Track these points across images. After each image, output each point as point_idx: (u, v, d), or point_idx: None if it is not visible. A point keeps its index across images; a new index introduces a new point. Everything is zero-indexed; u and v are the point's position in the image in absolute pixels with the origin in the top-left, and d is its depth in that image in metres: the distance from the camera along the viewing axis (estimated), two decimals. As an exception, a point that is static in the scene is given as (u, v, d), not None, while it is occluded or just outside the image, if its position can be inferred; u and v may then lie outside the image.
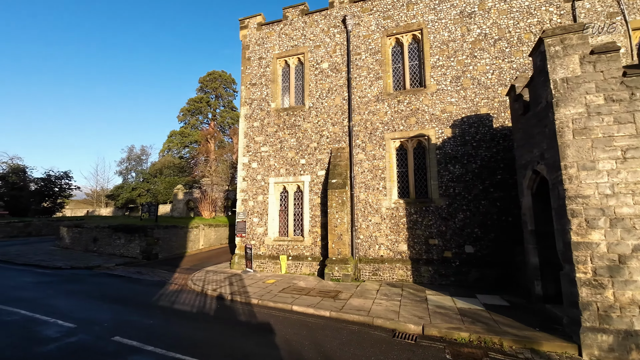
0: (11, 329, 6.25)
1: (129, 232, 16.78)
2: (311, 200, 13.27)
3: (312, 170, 13.46)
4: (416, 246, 11.62)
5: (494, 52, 11.60)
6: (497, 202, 10.92)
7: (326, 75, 13.85)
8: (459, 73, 11.94)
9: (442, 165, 11.69)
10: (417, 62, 12.92)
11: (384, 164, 12.45)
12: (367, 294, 9.80)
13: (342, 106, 13.40)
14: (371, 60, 13.21)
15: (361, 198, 12.55)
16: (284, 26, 14.93)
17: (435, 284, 11.04)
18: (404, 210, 11.93)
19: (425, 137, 12.06)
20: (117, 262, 15.05)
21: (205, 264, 15.41)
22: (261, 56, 15.19)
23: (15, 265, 14.20)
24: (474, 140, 11.45)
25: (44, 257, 16.24)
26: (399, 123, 12.47)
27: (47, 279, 11.45)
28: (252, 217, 14.14)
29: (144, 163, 59.88)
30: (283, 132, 14.21)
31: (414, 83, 12.84)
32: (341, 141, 13.20)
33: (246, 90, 15.21)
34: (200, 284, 11.05)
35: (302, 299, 9.13)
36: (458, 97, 11.83)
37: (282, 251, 13.43)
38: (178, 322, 7.09)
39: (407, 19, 12.91)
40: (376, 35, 13.28)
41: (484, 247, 10.87)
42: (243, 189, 14.50)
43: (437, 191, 11.62)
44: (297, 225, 13.71)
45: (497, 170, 11.07)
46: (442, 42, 12.29)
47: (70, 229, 19.19)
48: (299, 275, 12.52)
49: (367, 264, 11.99)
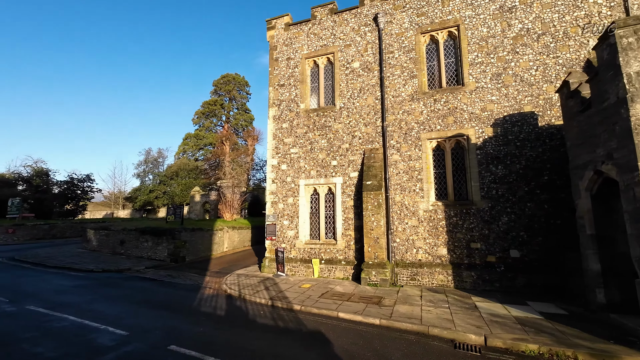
0: (65, 336, 6.13)
1: (157, 235, 16.77)
2: (344, 202, 12.97)
3: (344, 172, 13.16)
4: (457, 250, 11.18)
5: (538, 48, 11.11)
6: (544, 205, 10.41)
7: (357, 75, 13.55)
8: (499, 70, 11.48)
9: (483, 166, 11.24)
10: (453, 59, 12.50)
11: (421, 165, 12.06)
12: (410, 300, 9.44)
13: (374, 106, 13.08)
14: (405, 59, 12.86)
15: (397, 200, 12.18)
16: (313, 26, 14.70)
17: (478, 289, 10.59)
18: (442, 213, 11.51)
19: (465, 137, 11.63)
20: (146, 265, 15.02)
21: (233, 267, 15.25)
22: (289, 57, 14.99)
23: (48, 268, 14.29)
24: (517, 139, 10.97)
25: (74, 259, 16.35)
26: (436, 122, 12.07)
27: (83, 282, 11.43)
28: (282, 219, 13.92)
29: (160, 166, 60.63)
30: (313, 133, 13.96)
31: (451, 81, 12.42)
32: (374, 142, 12.87)
33: (274, 91, 15.03)
34: (236, 288, 10.86)
35: (345, 306, 8.82)
36: (499, 94, 11.36)
37: (314, 255, 13.15)
38: (229, 330, 6.87)
39: (442, 16, 12.51)
40: (409, 32, 12.92)
41: (530, 252, 10.37)
42: (272, 191, 14.30)
43: (478, 193, 11.17)
44: (329, 228, 13.42)
45: (544, 171, 10.56)
46: (481, 38, 11.85)
47: (97, 232, 19.33)
48: (333, 280, 12.22)
49: (405, 268, 11.60)
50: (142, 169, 59.16)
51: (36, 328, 6.50)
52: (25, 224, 26.40)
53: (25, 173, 33.56)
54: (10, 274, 12.82)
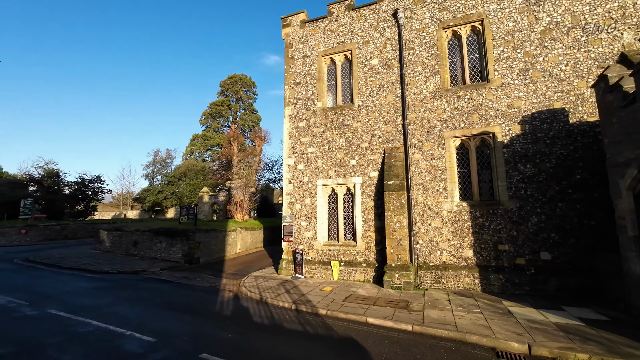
0: (92, 343, 5.89)
1: (170, 236, 16.59)
2: (363, 203, 12.64)
3: (363, 172, 12.84)
4: (483, 252, 10.79)
5: (568, 42, 10.69)
6: (576, 205, 9.98)
7: (376, 72, 13.22)
8: (527, 65, 11.07)
9: (510, 165, 10.84)
10: (476, 55, 12.12)
11: (444, 164, 11.69)
12: (439, 304, 9.08)
13: (394, 104, 12.74)
14: (426, 55, 12.50)
15: (419, 200, 11.83)
16: (329, 23, 14.40)
17: (507, 293, 10.19)
18: (468, 214, 11.13)
19: (490, 135, 11.23)
20: (161, 267, 14.83)
21: (248, 269, 15.00)
22: (305, 54, 14.71)
23: (63, 270, 14.17)
24: (547, 137, 10.55)
25: (88, 260, 16.24)
26: (460, 120, 11.69)
27: (100, 284, 11.25)
28: (300, 220, 13.63)
29: (168, 166, 60.80)
30: (331, 132, 13.66)
31: (474, 77, 12.04)
32: (395, 140, 12.53)
33: (290, 89, 14.76)
34: (256, 291, 10.59)
35: (372, 310, 8.49)
36: (527, 91, 10.96)
37: (333, 256, 12.84)
38: (257, 336, 6.59)
39: (465, 10, 12.13)
40: (431, 28, 12.56)
41: (562, 254, 9.94)
42: (289, 191, 14.02)
43: (505, 193, 10.77)
44: (348, 230, 13.10)
45: (576, 170, 10.13)
46: (507, 32, 11.45)
47: (110, 233, 19.23)
48: (354, 282, 11.89)
49: (428, 270, 11.24)
50: (151, 169, 59.36)
51: (61, 333, 6.28)
52: (38, 225, 26.47)
53: (36, 174, 33.76)
54: (27, 275, 12.71)
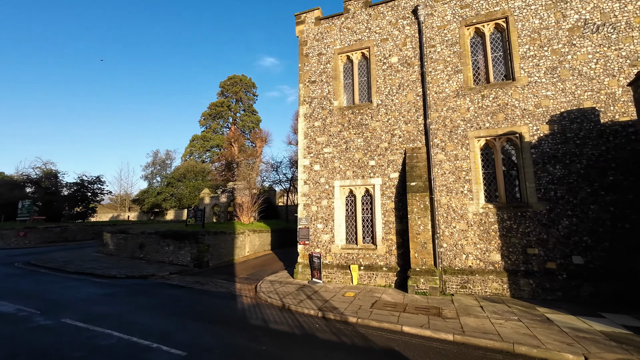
0: (117, 357, 5.40)
1: (179, 238, 16.06)
2: (383, 205, 12.23)
3: (383, 172, 12.44)
4: (511, 256, 10.42)
5: (598, 39, 10.39)
6: (609, 207, 9.65)
7: (396, 70, 12.86)
8: (554, 63, 10.76)
9: (539, 166, 10.50)
10: (500, 53, 11.80)
11: (468, 164, 11.33)
12: (472, 311, 8.68)
13: (415, 103, 12.37)
14: (448, 53, 12.16)
15: (443, 202, 11.45)
16: (345, 20, 14.03)
17: (538, 299, 9.82)
18: (494, 216, 10.77)
19: (517, 135, 10.89)
20: (170, 271, 14.31)
21: (261, 273, 14.52)
22: (320, 52, 14.32)
23: (69, 274, 13.59)
24: (576, 137, 10.22)
25: (93, 264, 15.66)
26: (484, 120, 11.35)
27: (111, 290, 10.72)
28: (316, 223, 13.19)
29: (168, 167, 60.07)
30: (348, 131, 13.26)
31: (498, 76, 11.71)
32: (416, 140, 12.15)
33: (305, 88, 14.35)
34: (276, 297, 10.12)
35: (405, 318, 8.07)
36: (555, 90, 10.64)
37: (352, 260, 12.41)
38: (293, 348, 6.14)
39: (488, 7, 11.81)
40: (453, 25, 12.23)
41: (596, 258, 9.59)
42: (305, 193, 13.58)
43: (534, 194, 10.42)
44: (367, 232, 12.68)
45: (608, 171, 9.80)
46: (533, 30, 11.14)
47: (115, 235, 18.64)
48: (375, 287, 11.46)
49: (454, 275, 10.84)
50: (150, 170, 58.63)
51: (82, 346, 5.79)
52: (37, 227, 25.75)
53: (34, 175, 32.99)
54: (32, 280, 12.12)
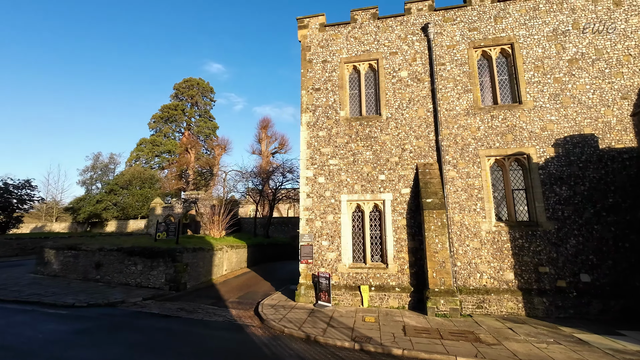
0: None
1: (150, 256, 13.75)
2: (395, 221, 11.74)
3: (394, 188, 12.00)
4: (524, 274, 10.55)
5: (593, 72, 11.32)
6: (611, 227, 10.30)
7: (406, 85, 12.71)
8: (557, 91, 11.45)
9: (547, 187, 10.92)
10: (506, 76, 12.30)
11: (480, 182, 11.41)
12: (505, 334, 8.41)
13: (426, 118, 12.27)
14: (457, 72, 12.35)
15: (455, 220, 11.32)
16: (352, 29, 13.65)
17: (552, 317, 9.98)
18: (507, 235, 10.88)
19: (525, 156, 11.28)
20: (142, 296, 12.05)
21: (252, 296, 12.97)
22: (325, 59, 13.68)
23: (7, 304, 10.66)
24: (579, 160, 10.88)
25: (35, 289, 12.63)
26: (494, 139, 11.60)
27: (80, 324, 8.47)
28: (321, 240, 12.19)
29: (111, 173, 53.63)
30: (356, 143, 12.67)
31: (505, 98, 12.16)
32: (427, 156, 11.99)
33: (308, 95, 13.52)
34: (291, 326, 8.86)
35: (450, 346, 7.48)
36: (558, 115, 11.29)
37: (361, 280, 11.61)
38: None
39: (495, 32, 12.33)
40: (462, 46, 12.51)
41: (602, 276, 10.10)
42: (307, 207, 12.55)
43: (543, 214, 10.76)
44: (375, 250, 12.03)
45: (608, 193, 10.51)
46: (536, 58, 11.81)
47: (61, 252, 15.44)
48: (390, 310, 10.77)
49: (469, 295, 10.64)
50: (89, 175, 51.82)
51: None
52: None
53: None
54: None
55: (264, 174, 30.59)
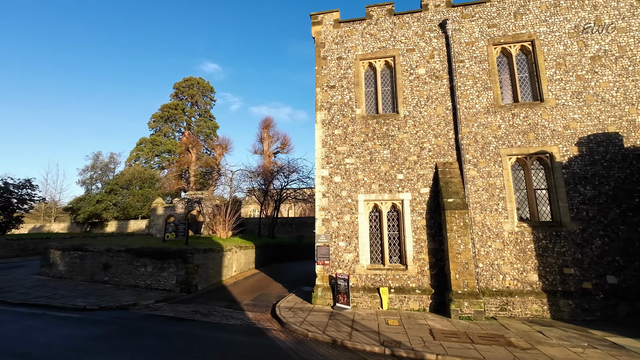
0: None
1: (160, 257, 13.40)
2: (414, 221, 11.47)
3: (412, 187, 11.73)
4: (548, 276, 10.31)
5: (617, 70, 11.10)
6: (637, 228, 10.07)
7: (424, 82, 12.44)
8: (579, 88, 11.23)
9: (570, 186, 10.69)
10: (526, 74, 12.07)
11: (502, 182, 11.16)
12: (536, 337, 8.16)
13: (445, 117, 12.02)
14: (477, 69, 12.11)
15: (477, 220, 11.06)
16: (368, 25, 13.37)
17: (577, 319, 9.74)
18: (530, 235, 10.64)
19: (547, 155, 11.05)
20: (155, 298, 11.71)
21: (265, 298, 12.67)
22: (340, 56, 13.40)
23: (14, 307, 10.30)
24: (603, 160, 10.65)
25: (43, 291, 12.26)
26: (515, 138, 11.36)
27: (95, 329, 8.13)
28: (338, 240, 11.90)
29: (111, 172, 53.05)
30: (373, 142, 12.39)
31: (525, 96, 11.93)
32: (447, 155, 11.73)
33: (322, 93, 13.22)
34: (315, 329, 8.56)
35: (484, 351, 7.21)
36: (581, 113, 11.06)
37: (379, 282, 11.33)
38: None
39: (515, 29, 12.09)
40: (481, 43, 12.26)
41: (628, 277, 9.87)
42: (323, 206, 12.25)
43: (567, 214, 10.53)
44: (394, 251, 11.76)
45: (634, 193, 10.29)
46: (558, 55, 11.59)
47: (67, 253, 15.06)
48: (410, 312, 10.49)
49: (492, 297, 10.38)
50: (90, 175, 51.23)
51: None
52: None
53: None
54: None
55: (268, 174, 30.24)
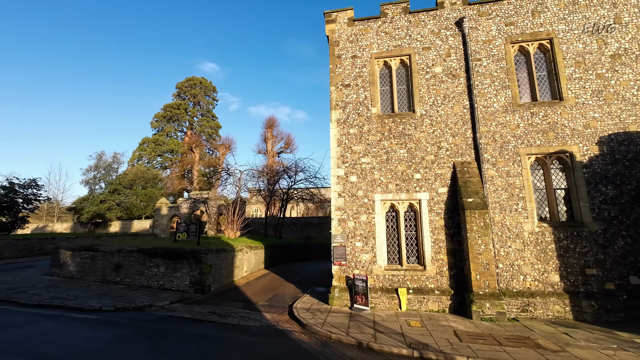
0: None
1: (173, 258, 13.28)
2: (432, 222, 11.35)
3: (430, 187, 11.61)
4: (570, 277, 10.19)
5: (637, 68, 10.98)
6: (660, 228, 9.97)
7: (440, 81, 12.32)
8: (599, 87, 11.11)
9: (591, 186, 10.57)
10: (544, 72, 11.95)
11: (521, 181, 11.04)
12: (564, 339, 8.04)
13: (462, 115, 11.90)
14: (494, 68, 11.98)
15: (496, 220, 10.94)
16: (383, 24, 13.25)
17: (601, 321, 9.62)
18: (551, 236, 10.52)
19: (567, 154, 10.93)
20: (170, 299, 11.59)
21: (280, 298, 12.55)
22: (355, 54, 13.27)
23: (29, 307, 10.18)
24: (625, 159, 10.53)
25: (56, 292, 12.13)
26: (535, 137, 11.24)
27: (116, 331, 8.01)
28: (354, 241, 11.78)
29: (114, 172, 52.88)
30: (389, 141, 12.26)
31: (544, 95, 11.80)
32: (464, 154, 11.61)
33: (337, 91, 13.10)
34: (338, 331, 8.43)
35: (515, 354, 7.09)
36: (602, 112, 10.94)
37: (397, 283, 11.21)
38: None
39: (533, 27, 11.97)
40: (498, 41, 12.14)
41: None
42: (339, 206, 12.13)
43: (588, 214, 10.41)
44: (411, 252, 11.63)
45: (657, 193, 10.18)
46: (577, 53, 11.46)
47: (77, 253, 14.93)
48: (431, 314, 10.37)
49: (513, 298, 10.25)
50: (93, 175, 51.09)
51: None
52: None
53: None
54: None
55: (274, 173, 30.09)
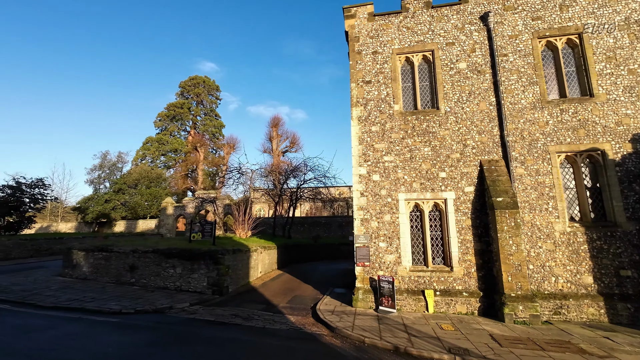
0: None
1: (190, 258, 13.00)
2: (458, 221, 11.05)
3: (456, 186, 11.31)
4: (604, 278, 9.88)
5: (671, 63, 10.67)
6: (698, 228, 9.66)
7: (465, 77, 12.01)
8: (632, 83, 10.79)
9: (624, 185, 10.25)
10: (573, 68, 11.63)
11: (551, 180, 10.73)
12: (605, 344, 7.74)
13: (489, 113, 11.58)
14: (521, 63, 11.67)
15: (526, 220, 10.64)
16: (405, 19, 12.93)
17: (638, 324, 9.33)
18: (583, 236, 10.21)
19: (599, 152, 10.61)
20: (189, 301, 11.30)
21: (300, 300, 12.27)
22: (376, 50, 12.95)
23: (47, 310, 9.89)
24: (659, 157, 10.22)
25: (72, 293, 11.86)
26: (565, 134, 10.93)
27: (142, 335, 7.72)
28: (378, 241, 11.48)
29: (118, 172, 52.59)
30: (412, 139, 11.96)
31: (573, 91, 11.48)
32: (492, 152, 11.30)
33: (358, 88, 12.79)
34: (371, 335, 8.14)
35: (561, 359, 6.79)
36: (634, 108, 10.62)
37: (423, 284, 10.91)
38: None
39: (561, 21, 11.65)
40: (525, 36, 11.82)
41: (690, 280, 9.46)
42: (362, 206, 11.82)
43: (622, 214, 10.10)
44: (437, 252, 11.34)
45: (693, 192, 9.87)
46: (608, 49, 11.14)
47: (90, 254, 14.65)
48: (461, 316, 10.07)
49: (545, 300, 9.96)
50: (97, 174, 50.83)
51: None
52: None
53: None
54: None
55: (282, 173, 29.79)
